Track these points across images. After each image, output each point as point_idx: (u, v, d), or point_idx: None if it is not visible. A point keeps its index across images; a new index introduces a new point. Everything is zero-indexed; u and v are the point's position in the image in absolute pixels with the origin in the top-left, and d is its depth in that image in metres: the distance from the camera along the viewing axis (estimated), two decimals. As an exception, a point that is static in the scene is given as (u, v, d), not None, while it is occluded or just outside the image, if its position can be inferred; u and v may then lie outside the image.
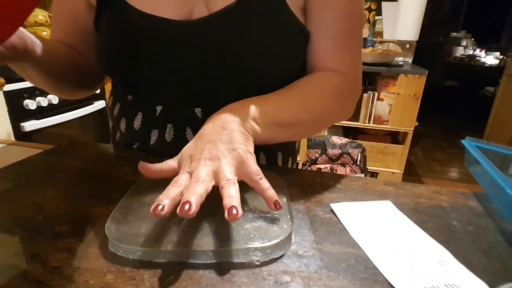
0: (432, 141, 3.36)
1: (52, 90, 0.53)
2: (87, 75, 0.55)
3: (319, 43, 0.47)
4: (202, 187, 0.29)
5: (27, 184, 0.41)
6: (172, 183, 0.31)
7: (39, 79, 0.47)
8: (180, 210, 0.27)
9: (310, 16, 0.47)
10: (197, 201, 0.28)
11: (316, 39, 0.47)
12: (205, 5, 0.43)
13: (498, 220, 0.37)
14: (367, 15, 2.32)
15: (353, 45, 0.49)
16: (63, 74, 0.50)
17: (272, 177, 0.40)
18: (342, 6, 0.45)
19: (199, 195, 0.28)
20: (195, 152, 0.34)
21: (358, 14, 0.48)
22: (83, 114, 1.69)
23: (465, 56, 4.85)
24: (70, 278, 0.26)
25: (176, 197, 0.29)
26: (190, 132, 0.49)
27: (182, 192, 0.30)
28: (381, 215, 0.36)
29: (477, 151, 0.42)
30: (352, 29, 0.48)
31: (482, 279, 0.27)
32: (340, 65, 0.48)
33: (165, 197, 0.28)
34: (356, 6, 0.47)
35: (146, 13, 0.43)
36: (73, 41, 0.52)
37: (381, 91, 2.03)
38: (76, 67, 0.52)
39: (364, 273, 0.28)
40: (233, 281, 0.26)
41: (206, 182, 0.30)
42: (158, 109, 0.49)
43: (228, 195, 0.29)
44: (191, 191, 0.29)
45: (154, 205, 0.27)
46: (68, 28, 0.52)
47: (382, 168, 2.14)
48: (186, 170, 0.33)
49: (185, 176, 0.32)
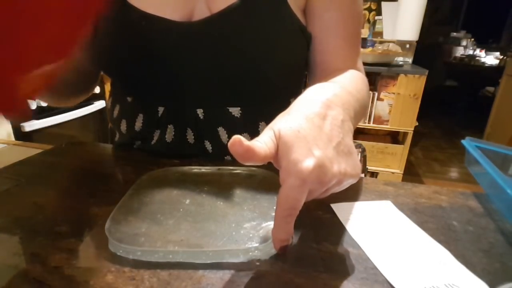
0: (432, 141, 3.36)
1: (49, 101, 0.52)
2: (83, 78, 0.53)
3: (328, 43, 0.48)
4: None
5: (27, 184, 0.41)
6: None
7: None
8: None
9: (313, 17, 0.47)
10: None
11: (323, 40, 0.48)
12: (206, 5, 0.43)
13: (498, 220, 0.37)
14: (367, 15, 2.32)
15: (359, 44, 0.51)
16: (59, 82, 0.48)
17: (272, 177, 0.40)
18: (348, 6, 0.47)
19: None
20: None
21: (360, 13, 0.50)
22: (83, 114, 1.69)
23: (465, 56, 4.84)
24: (70, 278, 0.26)
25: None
26: (191, 133, 0.49)
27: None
28: (381, 215, 0.36)
29: (477, 151, 0.42)
30: (357, 28, 0.49)
31: (482, 279, 0.27)
32: (351, 63, 0.50)
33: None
34: (359, 6, 0.49)
35: (147, 13, 0.42)
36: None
37: (381, 91, 2.03)
38: (70, 72, 0.50)
39: (364, 273, 0.28)
40: (233, 281, 0.26)
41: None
42: (160, 110, 0.49)
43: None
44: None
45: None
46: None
47: (382, 168, 2.14)
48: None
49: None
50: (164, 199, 0.36)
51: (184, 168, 0.43)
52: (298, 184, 0.23)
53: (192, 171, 0.43)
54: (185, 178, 0.41)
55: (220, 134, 0.49)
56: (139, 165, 0.47)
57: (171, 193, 0.37)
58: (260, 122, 0.50)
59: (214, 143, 0.50)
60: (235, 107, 0.48)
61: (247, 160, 0.23)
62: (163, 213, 0.33)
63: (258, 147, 0.23)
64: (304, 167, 0.23)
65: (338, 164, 0.25)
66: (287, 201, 0.24)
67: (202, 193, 0.37)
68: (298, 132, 0.25)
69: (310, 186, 0.23)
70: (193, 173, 0.42)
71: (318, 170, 0.23)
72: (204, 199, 0.36)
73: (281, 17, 0.44)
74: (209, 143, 0.50)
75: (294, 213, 0.24)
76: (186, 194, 0.37)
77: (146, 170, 0.44)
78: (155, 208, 0.34)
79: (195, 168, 0.43)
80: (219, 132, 0.49)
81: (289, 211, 0.24)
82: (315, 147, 0.24)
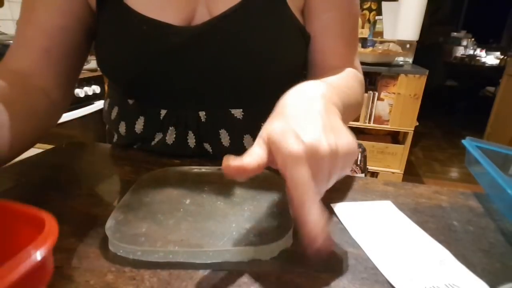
0: (432, 141, 3.36)
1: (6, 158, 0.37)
2: (44, 114, 0.43)
3: (326, 42, 0.49)
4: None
5: (27, 184, 0.41)
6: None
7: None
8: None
9: (312, 17, 0.48)
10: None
11: (321, 39, 0.49)
12: (207, 9, 0.43)
13: (498, 220, 0.37)
14: (367, 15, 2.32)
15: (356, 44, 0.52)
16: (17, 134, 0.36)
17: (272, 177, 0.40)
18: (345, 6, 0.48)
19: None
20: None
21: (357, 11, 0.51)
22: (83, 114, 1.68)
23: (465, 56, 4.84)
24: (70, 278, 0.26)
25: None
26: (192, 136, 0.49)
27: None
28: (381, 215, 0.36)
29: (477, 151, 0.42)
30: (354, 27, 0.50)
31: (482, 279, 0.27)
32: (348, 62, 0.50)
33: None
34: (356, 5, 0.49)
35: (148, 17, 0.42)
36: (39, 61, 0.43)
37: (382, 91, 2.02)
38: (31, 113, 0.40)
39: (364, 273, 0.28)
40: (233, 281, 0.26)
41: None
42: (162, 113, 0.49)
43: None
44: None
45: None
46: (43, 41, 0.43)
47: (383, 168, 2.14)
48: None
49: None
50: (164, 199, 0.36)
51: (185, 168, 0.43)
52: (295, 163, 0.23)
53: (193, 171, 0.43)
54: (186, 178, 0.41)
55: (222, 137, 0.49)
56: (139, 165, 0.47)
57: (171, 193, 0.37)
58: (261, 123, 0.50)
59: (214, 146, 0.50)
60: (237, 108, 0.48)
61: (243, 177, 0.24)
62: (163, 213, 0.33)
63: (247, 163, 0.24)
64: (295, 147, 0.24)
65: (328, 139, 0.25)
66: (296, 188, 0.23)
67: (202, 193, 0.37)
68: (283, 128, 0.25)
69: (307, 162, 0.23)
70: (193, 173, 0.42)
71: (310, 146, 0.24)
72: (205, 199, 0.36)
73: (281, 18, 0.44)
74: (209, 146, 0.50)
75: (309, 198, 0.23)
76: (187, 194, 0.37)
77: (146, 170, 0.44)
78: (155, 208, 0.34)
79: (196, 168, 0.43)
80: (220, 135, 0.49)
81: (302, 196, 0.23)
82: (302, 132, 0.24)
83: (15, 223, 0.23)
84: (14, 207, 0.24)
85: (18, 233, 0.23)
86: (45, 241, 0.19)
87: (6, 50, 0.44)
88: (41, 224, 0.21)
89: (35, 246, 0.18)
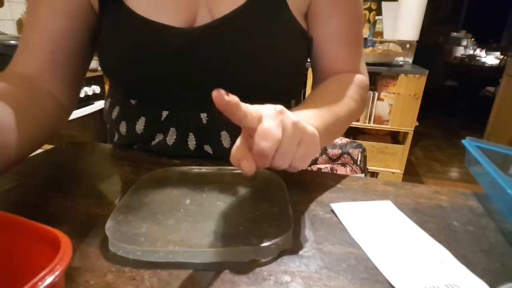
0: (432, 141, 3.36)
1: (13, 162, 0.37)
2: (52, 116, 0.44)
3: (331, 48, 0.50)
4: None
5: (27, 184, 0.41)
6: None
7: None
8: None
9: (317, 22, 0.48)
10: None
11: (326, 45, 0.49)
12: (208, 11, 0.43)
13: (498, 220, 0.37)
14: (367, 15, 2.32)
15: (361, 47, 0.52)
16: (25, 136, 0.37)
17: (272, 177, 0.40)
18: (350, 12, 0.48)
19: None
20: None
21: (361, 16, 0.51)
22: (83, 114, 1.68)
23: (465, 56, 4.84)
24: (70, 278, 0.26)
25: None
26: (192, 138, 0.49)
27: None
28: (381, 215, 0.36)
29: (477, 151, 0.42)
30: (359, 32, 0.51)
31: (482, 279, 0.27)
32: (354, 66, 0.51)
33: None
34: (360, 9, 0.50)
35: (150, 20, 0.42)
36: (45, 65, 0.44)
37: (381, 91, 2.02)
38: (39, 116, 0.41)
39: (365, 273, 0.28)
40: (233, 281, 0.26)
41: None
42: (164, 114, 0.49)
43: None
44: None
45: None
46: (49, 45, 0.43)
47: (383, 168, 2.14)
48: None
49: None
50: (165, 199, 0.36)
51: (185, 168, 0.43)
52: (269, 116, 0.28)
53: (193, 171, 0.43)
54: (186, 178, 0.41)
55: (223, 138, 0.49)
56: (139, 165, 0.47)
57: (171, 193, 0.37)
58: None
59: (215, 148, 0.50)
60: None
61: (229, 113, 0.28)
62: (163, 213, 0.33)
63: (233, 98, 0.28)
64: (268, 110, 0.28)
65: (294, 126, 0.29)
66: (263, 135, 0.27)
67: (202, 193, 0.37)
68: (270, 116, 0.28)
69: (277, 118, 0.28)
70: (193, 173, 0.42)
71: (278, 112, 0.28)
72: (205, 199, 0.36)
73: (282, 20, 0.44)
74: (209, 147, 0.50)
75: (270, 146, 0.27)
76: (187, 194, 0.37)
77: (146, 170, 0.44)
78: (155, 208, 0.34)
79: (196, 168, 0.43)
80: (221, 136, 0.49)
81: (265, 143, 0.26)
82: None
83: (28, 239, 0.23)
84: (26, 223, 0.23)
85: (30, 247, 0.22)
86: (63, 263, 0.18)
87: (6, 50, 0.43)
88: (55, 241, 0.20)
89: (52, 269, 0.18)
